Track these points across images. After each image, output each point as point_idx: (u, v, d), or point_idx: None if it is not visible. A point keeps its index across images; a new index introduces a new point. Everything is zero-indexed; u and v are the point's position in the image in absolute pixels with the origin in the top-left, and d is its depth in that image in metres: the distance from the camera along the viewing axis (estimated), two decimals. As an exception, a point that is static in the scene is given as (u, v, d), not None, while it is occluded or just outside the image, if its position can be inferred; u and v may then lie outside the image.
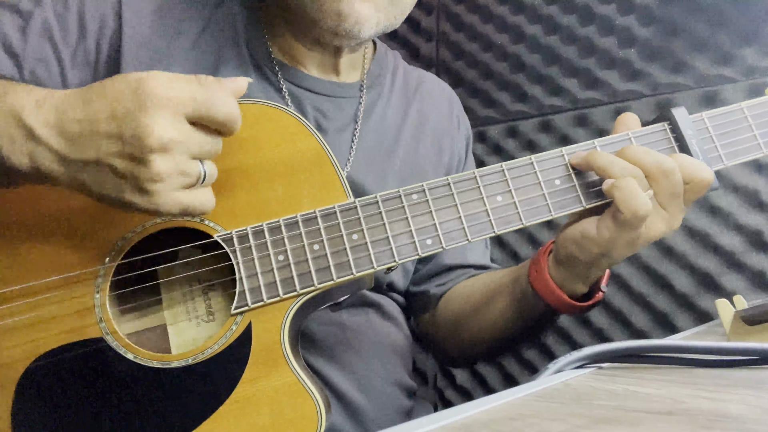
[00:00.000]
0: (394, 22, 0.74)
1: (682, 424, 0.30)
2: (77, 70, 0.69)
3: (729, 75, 1.00)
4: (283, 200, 0.58)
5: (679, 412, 0.33)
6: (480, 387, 1.27)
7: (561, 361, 0.47)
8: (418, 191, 0.59)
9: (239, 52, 0.75)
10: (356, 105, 0.81)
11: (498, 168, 0.60)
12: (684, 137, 0.61)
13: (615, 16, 1.13)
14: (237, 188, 0.59)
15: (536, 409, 0.36)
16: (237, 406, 0.53)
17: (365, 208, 0.58)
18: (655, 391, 0.39)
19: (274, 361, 0.54)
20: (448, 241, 0.58)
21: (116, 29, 0.70)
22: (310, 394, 0.53)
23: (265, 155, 0.59)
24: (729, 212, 0.98)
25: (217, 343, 0.55)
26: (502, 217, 0.59)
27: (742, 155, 0.62)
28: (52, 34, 0.68)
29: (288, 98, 0.76)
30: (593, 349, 0.47)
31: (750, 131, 0.62)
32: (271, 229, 0.57)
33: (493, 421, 0.33)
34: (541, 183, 0.60)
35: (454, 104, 0.94)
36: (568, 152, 0.61)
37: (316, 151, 0.60)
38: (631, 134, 0.62)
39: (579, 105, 1.18)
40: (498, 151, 1.30)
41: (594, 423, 0.32)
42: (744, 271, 0.96)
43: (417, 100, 0.87)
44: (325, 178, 0.59)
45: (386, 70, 0.87)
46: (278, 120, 0.60)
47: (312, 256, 0.56)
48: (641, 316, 1.06)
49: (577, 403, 0.36)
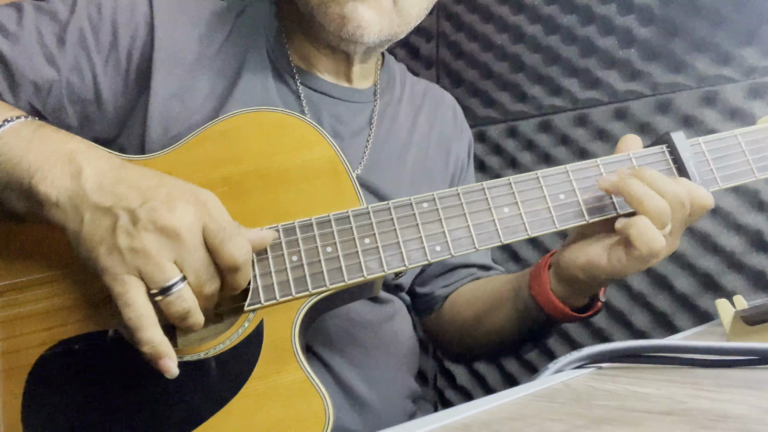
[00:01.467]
0: (399, 32, 0.75)
1: (682, 424, 0.30)
2: (109, 78, 0.70)
3: (729, 75, 1.00)
4: (298, 204, 0.60)
5: (679, 412, 0.33)
6: (480, 387, 1.27)
7: (561, 361, 0.47)
8: (429, 200, 0.61)
9: (261, 58, 0.77)
10: (370, 109, 0.83)
11: (505, 181, 0.62)
12: (682, 159, 0.64)
13: (615, 16, 1.13)
14: (254, 191, 0.61)
15: (536, 409, 0.36)
16: (247, 401, 0.54)
17: (377, 213, 0.60)
18: (655, 391, 0.39)
19: (285, 359, 0.56)
20: (456, 248, 0.60)
21: (148, 40, 0.71)
22: (319, 391, 0.54)
23: (282, 161, 0.62)
24: (729, 212, 0.98)
25: (230, 339, 0.56)
26: (509, 227, 0.61)
27: (737, 179, 0.65)
28: (86, 43, 0.69)
29: (305, 103, 0.77)
30: (593, 349, 0.47)
31: (743, 156, 0.66)
32: (286, 230, 0.59)
33: (493, 421, 0.33)
34: (546, 197, 0.62)
35: (458, 112, 0.98)
36: (571, 169, 0.63)
37: (331, 159, 0.62)
38: (632, 155, 0.64)
39: (579, 105, 1.18)
40: (498, 151, 1.30)
41: (594, 423, 0.32)
42: (744, 271, 0.96)
43: (424, 109, 0.91)
44: (339, 185, 0.61)
45: (394, 80, 0.89)
46: (296, 128, 0.63)
47: (325, 258, 0.58)
48: (641, 316, 1.06)
49: (577, 403, 0.36)
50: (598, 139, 1.15)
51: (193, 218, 0.51)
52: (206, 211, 0.52)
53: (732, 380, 0.41)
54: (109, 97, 0.70)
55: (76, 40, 0.69)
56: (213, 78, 0.73)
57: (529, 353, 1.19)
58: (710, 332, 0.73)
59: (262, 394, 0.54)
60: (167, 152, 0.62)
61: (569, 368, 0.47)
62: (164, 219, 0.50)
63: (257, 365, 0.55)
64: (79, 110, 0.70)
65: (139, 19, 0.72)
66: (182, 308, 0.50)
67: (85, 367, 0.56)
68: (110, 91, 0.70)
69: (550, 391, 0.41)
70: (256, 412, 0.54)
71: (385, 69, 0.89)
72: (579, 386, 0.41)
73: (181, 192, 0.52)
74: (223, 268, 0.53)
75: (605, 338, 1.09)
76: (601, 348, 0.47)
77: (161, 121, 0.69)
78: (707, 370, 0.45)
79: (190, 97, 0.71)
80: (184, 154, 0.62)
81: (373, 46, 0.76)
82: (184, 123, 0.69)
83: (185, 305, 0.51)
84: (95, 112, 0.70)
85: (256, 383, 0.55)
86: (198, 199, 0.52)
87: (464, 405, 0.36)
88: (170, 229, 0.50)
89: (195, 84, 0.72)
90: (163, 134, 0.69)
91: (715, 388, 0.38)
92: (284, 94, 0.77)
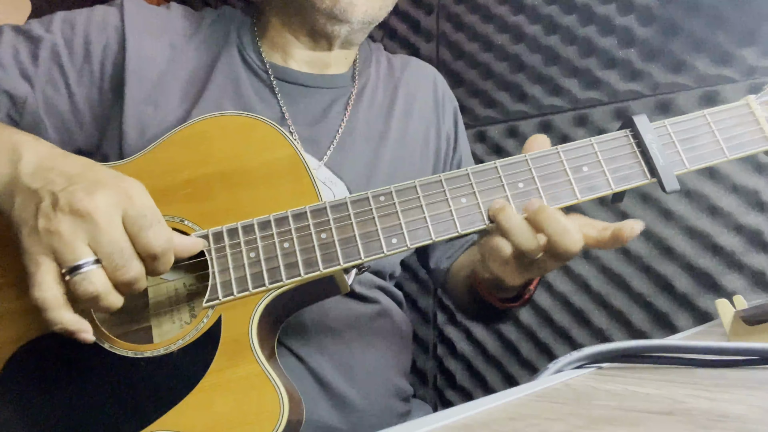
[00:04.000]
0: (379, 15, 0.80)
1: (682, 424, 0.30)
2: (83, 88, 0.74)
3: (729, 75, 1.00)
4: (259, 204, 0.62)
5: (679, 412, 0.33)
6: (480, 387, 1.27)
7: (561, 361, 0.47)
8: (386, 193, 0.62)
9: (232, 57, 0.80)
10: (347, 94, 0.86)
11: (463, 172, 0.63)
12: (644, 142, 0.63)
13: (615, 16, 1.13)
14: (216, 193, 0.62)
15: (536, 409, 0.36)
16: (203, 395, 0.56)
17: (335, 209, 0.61)
18: (655, 391, 0.39)
19: (242, 352, 0.57)
20: (412, 240, 0.60)
21: (119, 50, 0.75)
22: (274, 384, 0.55)
23: (245, 163, 0.64)
24: (729, 212, 0.98)
25: (189, 335, 0.58)
26: (466, 217, 0.61)
27: (706, 159, 0.64)
28: (59, 58, 0.73)
29: (279, 96, 0.80)
30: (593, 349, 0.47)
31: (713, 137, 0.64)
32: (245, 228, 0.61)
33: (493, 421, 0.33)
34: (504, 185, 0.62)
35: (438, 83, 1.00)
36: (531, 157, 0.63)
37: (292, 158, 0.64)
38: (593, 140, 0.64)
39: (579, 105, 1.18)
40: (498, 151, 1.30)
41: (594, 423, 0.32)
42: (744, 271, 0.96)
43: (403, 84, 0.93)
44: (300, 183, 0.63)
45: (369, 60, 0.92)
46: (258, 129, 0.65)
47: (282, 253, 0.60)
48: (641, 316, 1.06)
49: (577, 403, 0.36)
50: (598, 139, 1.15)
51: (111, 203, 0.52)
52: (127, 198, 0.53)
53: (732, 380, 0.41)
54: (85, 107, 0.74)
55: (49, 55, 0.73)
56: (185, 81, 0.77)
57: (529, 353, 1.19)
58: (710, 332, 0.72)
59: (218, 387, 0.56)
60: (136, 158, 0.65)
61: (569, 368, 0.47)
62: (81, 202, 0.51)
63: (214, 360, 0.57)
64: (57, 122, 0.73)
65: (110, 31, 0.76)
66: (90, 289, 0.51)
67: (53, 363, 0.58)
68: (86, 102, 0.74)
69: (550, 391, 0.40)
70: (211, 404, 0.55)
71: (362, 49, 0.92)
72: (579, 386, 0.41)
73: (105, 178, 0.54)
74: (142, 255, 0.53)
75: (605, 338, 1.09)
76: (601, 348, 0.47)
77: (136, 126, 0.72)
78: (707, 370, 0.44)
79: (163, 100, 0.75)
80: (151, 159, 0.64)
81: (357, 28, 0.79)
82: (159, 126, 0.72)
83: (93, 287, 0.51)
84: (72, 122, 0.74)
85: (212, 378, 0.56)
86: (120, 186, 0.53)
87: (464, 405, 0.36)
88: (84, 212, 0.50)
89: (167, 88, 0.75)
90: (139, 138, 0.72)
91: (715, 388, 0.38)
92: (258, 90, 0.80)
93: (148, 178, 0.60)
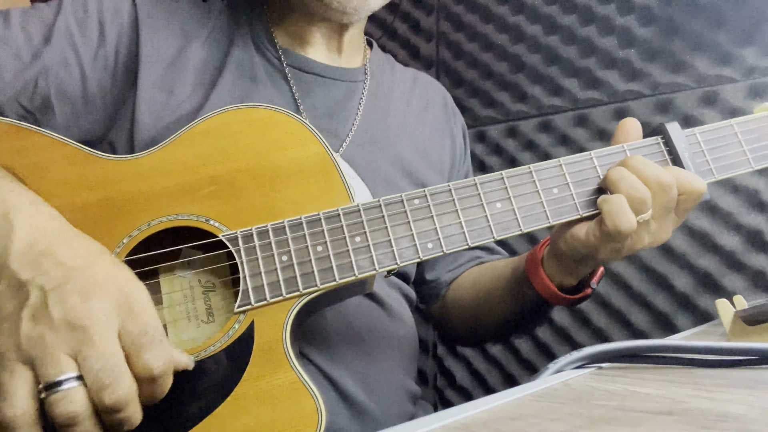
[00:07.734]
0: None
1: (682, 424, 0.30)
2: (97, 73, 0.72)
3: (729, 75, 1.00)
4: (288, 203, 0.59)
5: (679, 412, 0.33)
6: (480, 387, 1.27)
7: (561, 361, 0.47)
8: (420, 196, 0.60)
9: (246, 45, 0.79)
10: (361, 88, 0.85)
11: (498, 176, 0.61)
12: (677, 150, 0.63)
13: (615, 16, 1.13)
14: (243, 190, 0.59)
15: (536, 409, 0.36)
16: (238, 404, 0.54)
17: (368, 211, 0.59)
18: (655, 391, 0.39)
19: (276, 360, 0.55)
20: (448, 246, 0.59)
21: (133, 37, 0.73)
22: (311, 392, 0.53)
23: (272, 159, 0.60)
24: (729, 212, 0.98)
25: (220, 341, 0.55)
26: (501, 223, 0.60)
27: (733, 169, 0.64)
28: (73, 39, 0.71)
29: (293, 83, 0.79)
30: (593, 349, 0.47)
31: (740, 147, 0.65)
32: (276, 230, 0.58)
33: (493, 421, 0.33)
34: (539, 191, 0.61)
35: (448, 99, 1.01)
36: (565, 162, 0.63)
37: (321, 156, 0.61)
38: (626, 146, 0.64)
39: (579, 105, 1.18)
40: (498, 151, 1.30)
41: (594, 423, 0.32)
42: (744, 271, 0.96)
43: (416, 93, 0.93)
44: (330, 182, 0.60)
45: (385, 64, 0.92)
46: (285, 124, 0.62)
47: (315, 257, 0.57)
48: (641, 316, 1.06)
49: (577, 403, 0.36)
50: (598, 139, 1.15)
51: (108, 311, 0.45)
52: (128, 310, 0.46)
53: (732, 380, 0.41)
54: (96, 92, 0.71)
55: (63, 36, 0.70)
56: (198, 68, 0.75)
57: (529, 353, 1.19)
58: (710, 332, 0.72)
59: (253, 396, 0.54)
60: (154, 151, 0.61)
61: (569, 368, 0.47)
62: (73, 310, 0.44)
63: (248, 367, 0.54)
64: (66, 108, 0.70)
65: (124, 17, 0.74)
66: (67, 411, 0.43)
67: None
68: (98, 87, 0.71)
69: (550, 391, 0.41)
70: (248, 414, 0.53)
71: (375, 53, 0.92)
72: (579, 386, 0.41)
73: (106, 280, 0.47)
74: (137, 376, 0.46)
75: (605, 338, 1.09)
76: (601, 348, 0.47)
77: (150, 113, 0.70)
78: (707, 370, 0.44)
79: (177, 87, 0.73)
80: (171, 153, 0.60)
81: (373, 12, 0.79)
82: (174, 113, 0.71)
83: (71, 408, 0.43)
84: (82, 108, 0.71)
85: (247, 386, 0.54)
86: (122, 292, 0.47)
87: (464, 405, 0.36)
88: (77, 322, 0.44)
89: (180, 75, 0.74)
90: (152, 126, 0.69)
91: (715, 388, 0.38)
92: (272, 77, 0.79)
93: (168, 174, 0.57)
